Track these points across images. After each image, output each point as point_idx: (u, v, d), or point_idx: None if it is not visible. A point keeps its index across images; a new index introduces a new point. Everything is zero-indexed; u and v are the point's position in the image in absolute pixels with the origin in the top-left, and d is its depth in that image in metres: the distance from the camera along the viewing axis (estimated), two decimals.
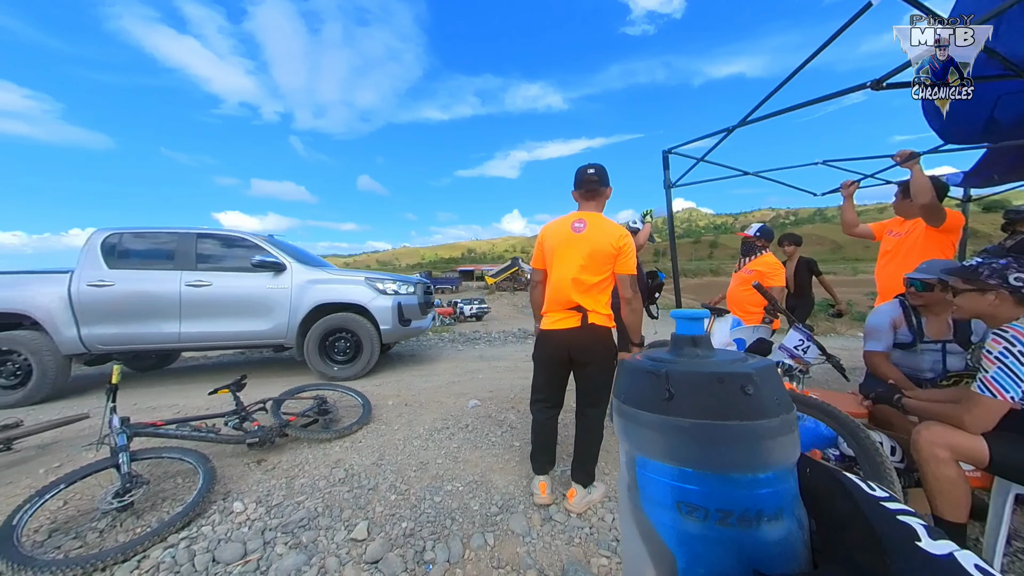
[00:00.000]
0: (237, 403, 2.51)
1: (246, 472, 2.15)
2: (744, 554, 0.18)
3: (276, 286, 4.09)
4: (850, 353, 4.94)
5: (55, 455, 2.38)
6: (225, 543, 1.60)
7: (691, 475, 0.19)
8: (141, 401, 3.48)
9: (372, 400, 3.12)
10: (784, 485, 0.19)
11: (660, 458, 0.20)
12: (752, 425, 0.19)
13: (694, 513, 0.19)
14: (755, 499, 0.18)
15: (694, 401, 0.19)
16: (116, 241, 3.98)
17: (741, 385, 0.19)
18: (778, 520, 0.18)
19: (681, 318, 0.25)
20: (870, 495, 0.18)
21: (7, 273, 3.77)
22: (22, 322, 3.73)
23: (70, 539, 1.62)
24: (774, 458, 0.19)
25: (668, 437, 0.20)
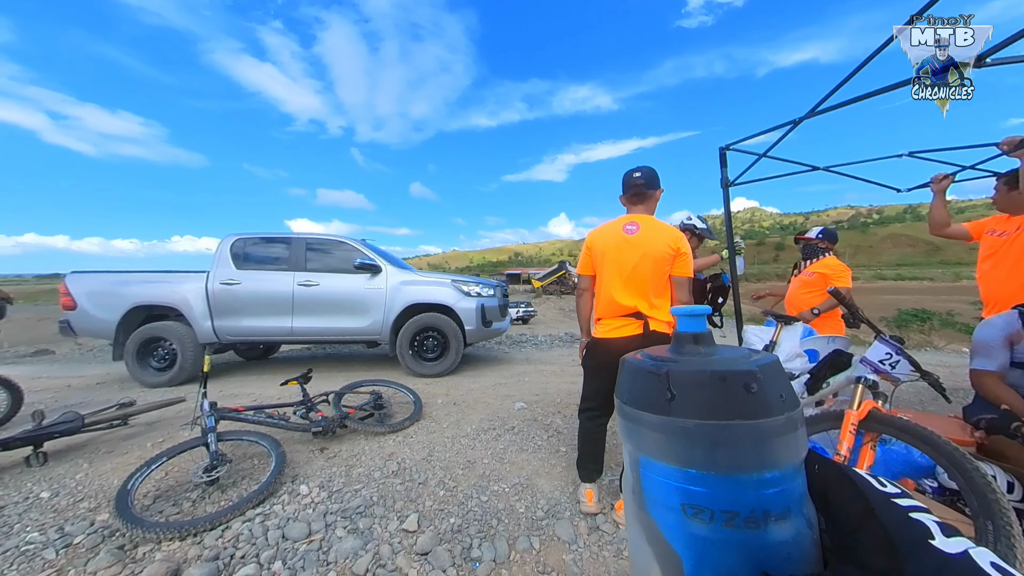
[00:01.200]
0: (304, 394, 2.74)
1: (311, 458, 2.33)
2: (751, 555, 0.17)
3: (373, 287, 4.48)
4: (951, 371, 4.29)
5: (159, 432, 2.75)
6: (293, 522, 1.75)
7: (695, 476, 0.18)
8: (226, 389, 3.92)
9: (423, 398, 3.25)
10: (791, 484, 0.18)
11: (664, 459, 0.19)
12: (757, 424, 0.18)
13: (699, 515, 0.18)
14: (762, 499, 0.17)
15: (696, 401, 0.19)
16: (241, 245, 4.58)
17: (744, 383, 0.19)
18: (786, 520, 0.18)
19: (682, 315, 0.24)
20: (881, 491, 0.17)
21: (160, 272, 4.49)
22: (168, 314, 4.42)
23: (170, 505, 1.86)
24: (780, 457, 0.18)
25: (671, 438, 0.19)
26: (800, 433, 0.19)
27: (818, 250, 2.95)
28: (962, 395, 2.93)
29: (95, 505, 1.89)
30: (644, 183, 1.78)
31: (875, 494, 0.17)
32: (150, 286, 4.34)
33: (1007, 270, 2.18)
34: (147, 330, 4.22)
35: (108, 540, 1.63)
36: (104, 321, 4.21)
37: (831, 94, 1.96)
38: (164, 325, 4.25)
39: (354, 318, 4.44)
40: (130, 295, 4.26)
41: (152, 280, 4.38)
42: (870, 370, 1.60)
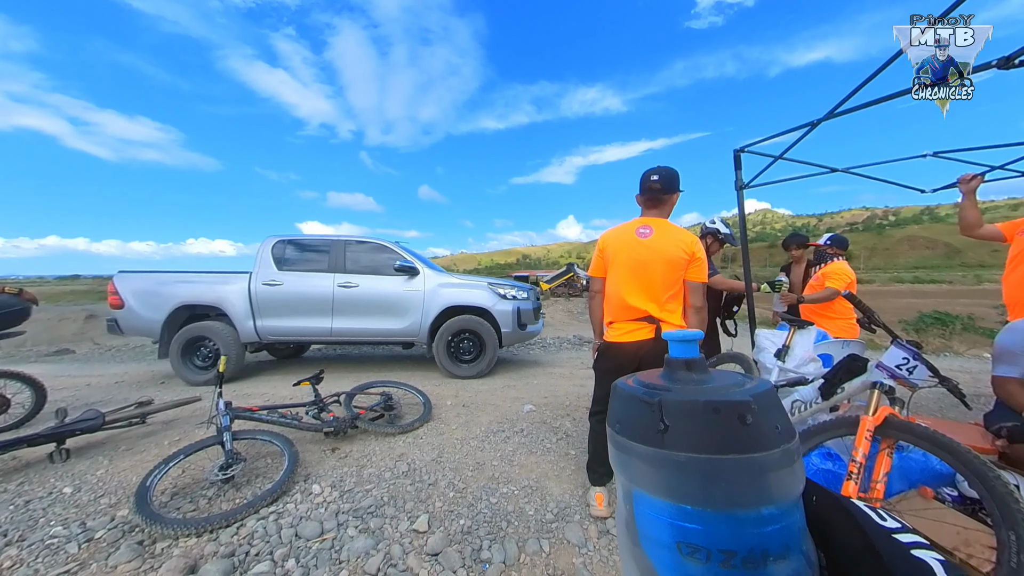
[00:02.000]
0: (316, 395, 2.78)
1: (323, 458, 2.37)
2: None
3: (411, 288, 4.55)
4: (972, 377, 4.17)
5: (176, 430, 2.81)
6: (306, 521, 1.77)
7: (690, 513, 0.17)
8: (240, 389, 3.99)
9: (432, 399, 3.27)
10: (790, 520, 0.18)
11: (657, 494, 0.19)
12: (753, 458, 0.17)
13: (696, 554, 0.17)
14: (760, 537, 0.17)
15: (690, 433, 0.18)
16: (282, 247, 4.68)
17: (739, 414, 0.18)
18: (785, 559, 0.17)
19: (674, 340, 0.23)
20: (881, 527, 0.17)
21: (204, 272, 4.59)
22: (209, 313, 4.46)
23: (187, 502, 1.90)
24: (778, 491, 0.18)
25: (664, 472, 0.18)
26: (798, 466, 0.18)
27: (827, 255, 3.01)
28: (983, 401, 2.85)
29: (115, 501, 1.94)
30: (661, 187, 1.75)
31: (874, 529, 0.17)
32: (194, 286, 4.42)
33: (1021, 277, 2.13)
34: (192, 329, 4.29)
35: (128, 535, 1.67)
36: (150, 320, 4.30)
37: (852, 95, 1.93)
38: (207, 325, 4.33)
39: (393, 319, 4.50)
40: (175, 294, 4.35)
41: (196, 280, 4.46)
42: (886, 375, 1.58)
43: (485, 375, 4.49)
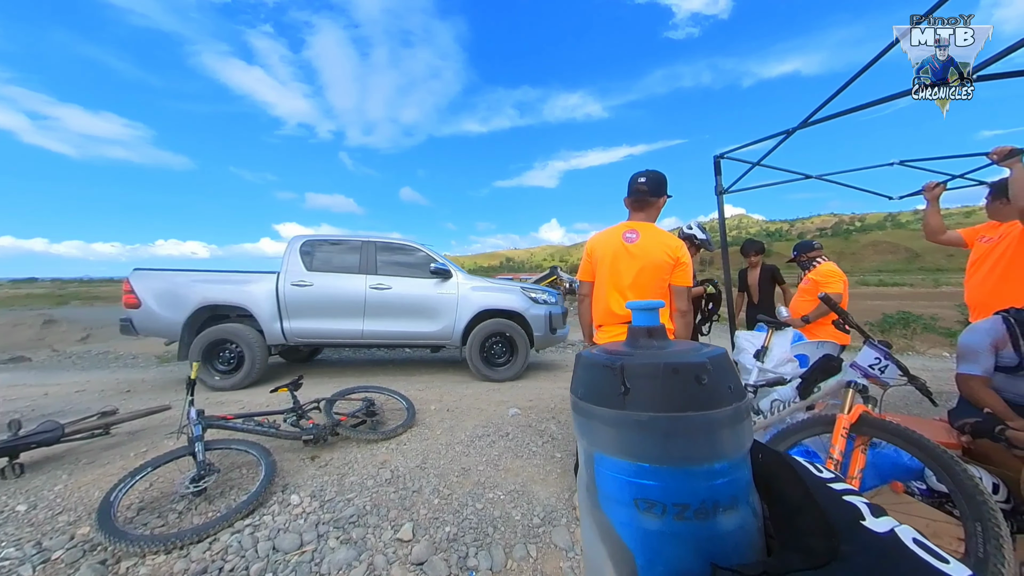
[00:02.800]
0: (295, 401, 2.68)
1: (302, 467, 2.29)
2: (701, 547, 0.17)
3: (444, 291, 4.51)
4: (934, 375, 4.39)
5: (143, 441, 2.67)
6: (284, 533, 1.70)
7: (648, 470, 0.18)
8: (213, 396, 3.82)
9: (416, 404, 3.21)
10: (739, 474, 0.19)
11: (617, 454, 0.19)
12: (708, 415, 0.18)
13: (652, 509, 0.18)
14: (711, 490, 0.18)
15: (650, 394, 0.19)
16: (311, 247, 4.54)
17: (696, 375, 0.19)
18: (734, 510, 0.18)
19: (637, 309, 0.24)
20: (817, 477, 0.18)
21: (227, 271, 4.42)
22: (229, 314, 4.30)
23: (155, 517, 1.80)
24: (729, 447, 0.19)
25: (625, 432, 0.19)
26: (747, 424, 0.19)
27: (809, 262, 3.10)
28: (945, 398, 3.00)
29: (75, 518, 1.82)
30: (648, 190, 1.76)
31: (812, 479, 0.18)
32: (219, 285, 4.27)
33: (985, 276, 2.26)
34: (215, 331, 4.12)
35: (89, 555, 1.57)
36: (169, 321, 4.13)
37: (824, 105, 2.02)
38: (231, 327, 4.18)
39: (426, 322, 4.45)
40: (198, 294, 4.19)
41: (220, 280, 4.31)
42: (860, 375, 1.64)
43: (517, 378, 4.50)
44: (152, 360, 6.33)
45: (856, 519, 0.16)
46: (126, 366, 6.02)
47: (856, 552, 0.14)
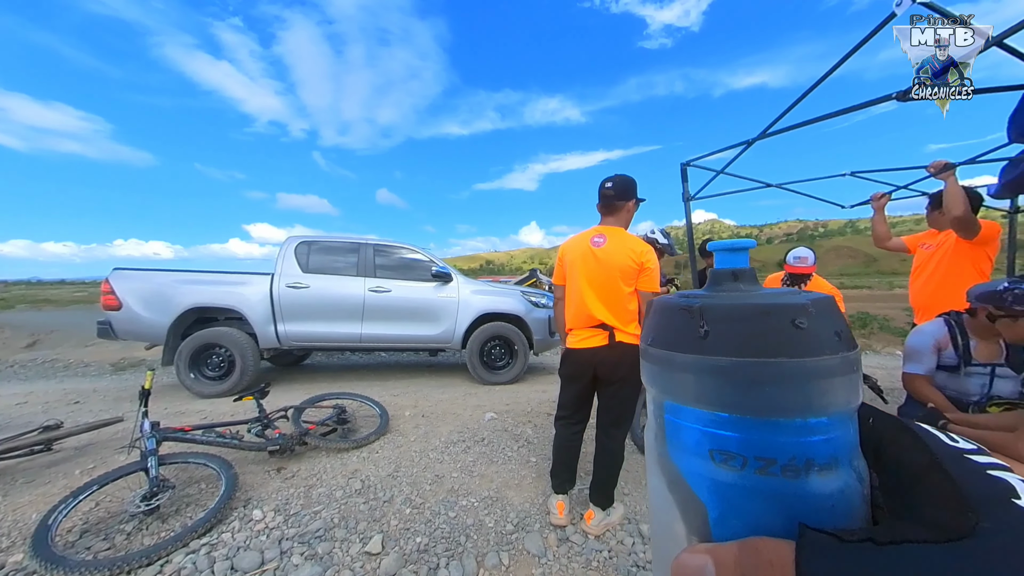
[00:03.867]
0: (260, 410, 2.57)
1: (266, 480, 2.19)
2: (788, 506, 0.16)
3: (445, 295, 4.45)
4: (887, 372, 4.66)
5: (90, 457, 2.49)
6: (244, 551, 1.62)
7: (727, 420, 0.17)
8: (171, 406, 3.62)
9: (389, 410, 3.14)
10: (841, 432, 0.17)
11: (693, 403, 0.18)
12: (804, 363, 0.16)
13: (730, 461, 0.16)
14: (804, 447, 0.16)
15: (733, 336, 0.17)
16: (306, 248, 4.38)
17: (792, 318, 0.17)
18: (832, 471, 0.16)
19: (720, 250, 0.21)
20: (951, 447, 0.15)
21: (216, 272, 4.18)
22: (217, 317, 4.11)
23: (100, 540, 1.67)
24: (830, 401, 0.16)
25: (703, 379, 0.17)
26: (856, 377, 0.17)
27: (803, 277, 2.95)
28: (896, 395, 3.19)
29: (7, 544, 1.67)
30: (614, 194, 1.79)
31: (942, 448, 0.15)
32: (209, 287, 4.08)
33: (926, 281, 2.42)
34: (203, 335, 3.92)
35: None
36: (154, 323, 3.90)
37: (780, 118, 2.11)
38: (220, 330, 3.99)
39: (426, 326, 4.41)
40: (186, 296, 3.99)
41: (209, 280, 4.12)
42: None
43: (516, 382, 4.50)
44: (106, 368, 5.94)
45: (1007, 496, 0.13)
46: (76, 375, 5.62)
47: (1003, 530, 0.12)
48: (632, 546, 1.67)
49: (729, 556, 0.14)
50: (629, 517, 1.86)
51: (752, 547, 0.14)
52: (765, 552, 0.13)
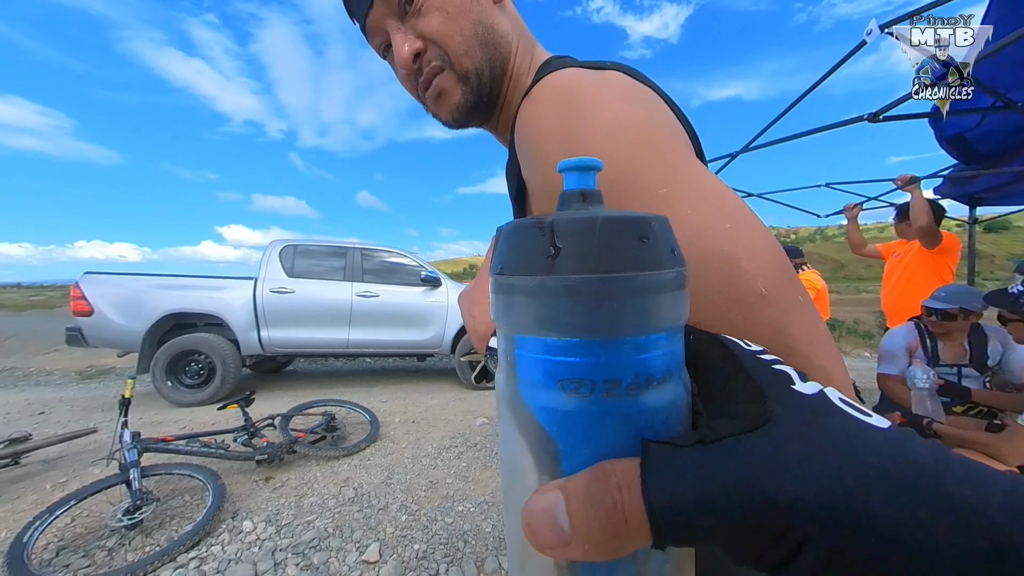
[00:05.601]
0: (246, 419, 2.50)
1: (255, 490, 2.13)
2: (631, 423, 0.16)
3: (434, 300, 4.40)
4: (858, 374, 4.89)
5: (62, 470, 2.36)
6: (235, 564, 1.57)
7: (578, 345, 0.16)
8: (146, 416, 3.46)
9: (379, 417, 3.10)
10: (675, 346, 0.17)
11: (542, 332, 0.17)
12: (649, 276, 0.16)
13: (580, 388, 0.16)
14: (645, 363, 0.16)
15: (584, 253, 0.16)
16: (291, 252, 4.26)
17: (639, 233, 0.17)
18: (667, 383, 0.17)
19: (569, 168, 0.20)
20: (747, 349, 0.18)
21: (195, 276, 4.08)
22: (196, 323, 3.99)
23: (79, 557, 1.59)
24: (668, 315, 0.17)
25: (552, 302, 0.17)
26: (685, 293, 0.18)
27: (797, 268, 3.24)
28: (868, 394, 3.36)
29: None
30: None
31: (742, 352, 0.17)
32: (188, 292, 3.98)
33: (893, 286, 2.59)
34: (181, 342, 3.79)
35: None
36: (128, 330, 3.73)
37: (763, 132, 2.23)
38: (200, 336, 3.86)
39: (414, 330, 4.36)
40: (163, 301, 3.87)
41: (189, 285, 4.03)
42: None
43: None
44: (71, 377, 5.63)
45: (787, 383, 0.15)
46: (38, 384, 5.30)
47: (788, 412, 0.14)
48: None
49: (579, 486, 0.15)
50: None
51: (600, 471, 0.15)
52: (612, 474, 0.14)
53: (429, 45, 0.45)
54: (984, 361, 1.76)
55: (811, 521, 0.12)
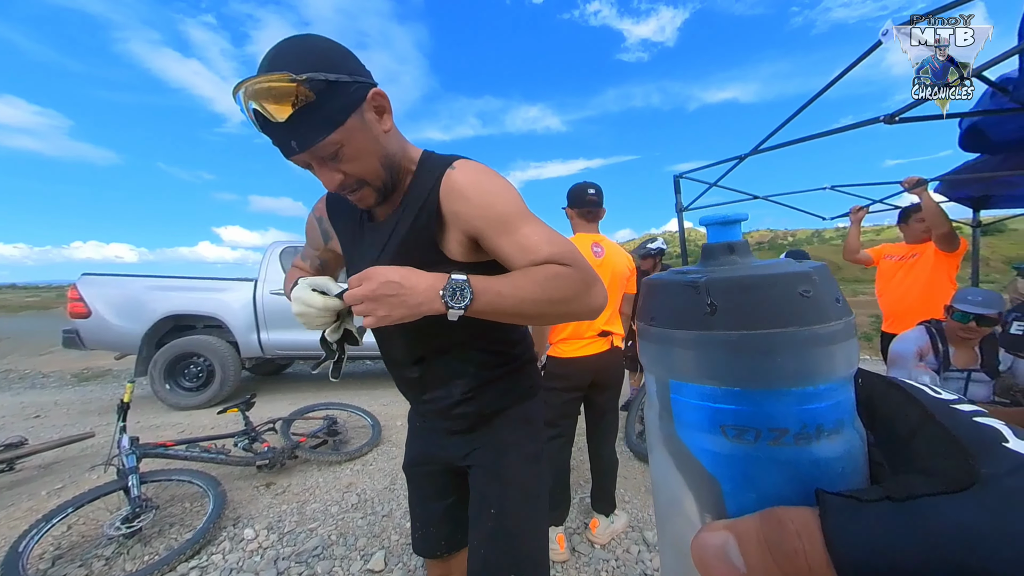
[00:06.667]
0: (247, 423, 2.46)
1: (256, 496, 2.09)
2: (801, 473, 0.15)
3: None
4: None
5: (58, 476, 2.32)
6: (237, 573, 1.54)
7: (739, 394, 0.16)
8: (143, 419, 3.41)
9: (381, 420, 3.06)
10: (845, 395, 0.17)
11: (701, 380, 0.17)
12: (813, 330, 0.16)
13: (743, 435, 0.16)
14: (814, 413, 0.16)
15: (742, 309, 0.16)
16: (292, 253, 4.21)
17: (797, 287, 0.17)
18: (839, 434, 0.16)
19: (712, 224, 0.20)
20: (938, 399, 0.16)
21: (193, 278, 4.03)
22: (195, 325, 3.96)
23: (76, 567, 1.55)
24: (836, 366, 0.17)
25: (710, 355, 0.17)
26: (855, 341, 0.18)
27: None
28: None
29: None
30: (598, 201, 1.77)
31: (931, 400, 0.16)
32: (187, 293, 3.95)
33: (906, 288, 2.56)
34: (181, 344, 3.75)
35: None
36: (126, 332, 3.71)
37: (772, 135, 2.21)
38: (199, 338, 3.83)
39: None
40: (161, 302, 3.83)
41: (188, 287, 3.99)
42: None
43: None
44: (67, 379, 5.56)
45: (997, 440, 0.13)
46: (33, 387, 5.24)
47: (1003, 474, 0.12)
48: (638, 554, 1.68)
49: (751, 529, 0.14)
50: (632, 525, 1.87)
51: (774, 517, 0.14)
52: (788, 521, 0.14)
53: (349, 178, 0.67)
54: (996, 366, 1.74)
55: None
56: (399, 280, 0.61)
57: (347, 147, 0.64)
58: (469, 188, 0.70)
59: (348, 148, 0.64)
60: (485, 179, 0.71)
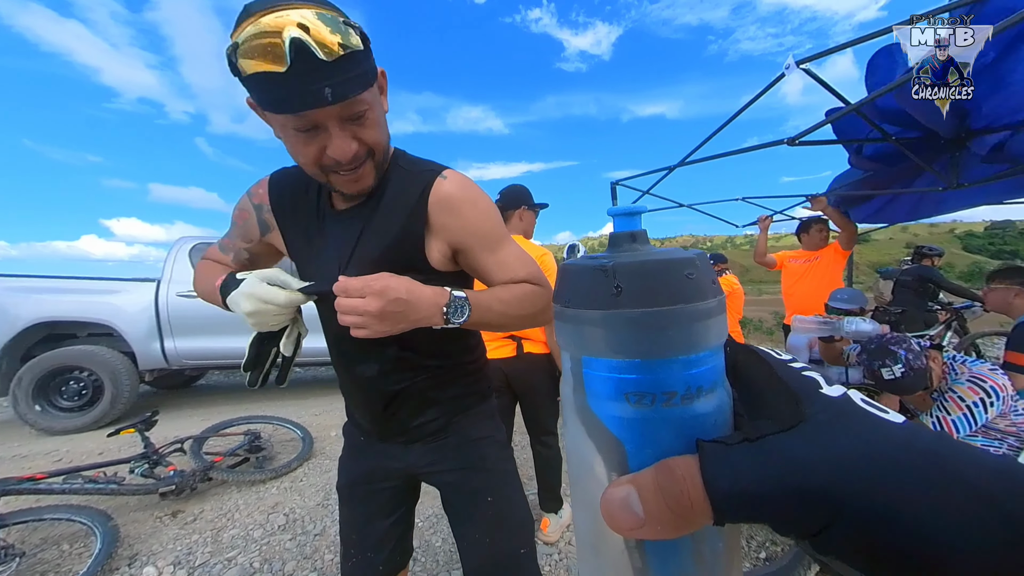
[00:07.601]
0: (147, 444, 2.14)
1: (159, 528, 1.82)
2: (686, 428, 0.19)
3: None
4: None
5: None
6: None
7: (640, 365, 0.19)
8: (4, 449, 2.81)
9: (313, 432, 2.84)
10: (718, 361, 0.21)
11: (608, 354, 0.20)
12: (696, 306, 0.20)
13: (643, 400, 0.19)
14: (696, 377, 0.19)
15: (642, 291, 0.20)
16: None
17: (685, 271, 0.20)
18: (713, 392, 0.20)
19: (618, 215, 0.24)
20: (779, 359, 0.21)
21: (76, 278, 3.47)
22: (76, 334, 3.42)
23: None
24: (713, 336, 0.20)
25: (617, 331, 0.20)
26: (725, 316, 0.21)
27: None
28: None
29: None
30: (502, 205, 1.79)
31: (774, 360, 0.20)
32: (64, 296, 3.35)
33: (808, 287, 2.98)
34: (55, 356, 3.17)
35: None
36: None
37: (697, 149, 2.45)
38: (80, 349, 3.26)
39: None
40: (30, 307, 3.21)
41: (66, 288, 3.39)
42: None
43: None
44: None
45: (815, 388, 0.18)
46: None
47: (818, 413, 0.17)
48: None
49: (648, 480, 0.18)
50: None
51: (666, 467, 0.17)
52: (675, 468, 0.17)
53: (363, 147, 0.63)
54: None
55: (840, 503, 0.14)
56: (406, 297, 0.59)
57: (371, 112, 0.62)
58: (463, 204, 0.71)
59: (371, 113, 0.62)
60: (477, 196, 0.74)
